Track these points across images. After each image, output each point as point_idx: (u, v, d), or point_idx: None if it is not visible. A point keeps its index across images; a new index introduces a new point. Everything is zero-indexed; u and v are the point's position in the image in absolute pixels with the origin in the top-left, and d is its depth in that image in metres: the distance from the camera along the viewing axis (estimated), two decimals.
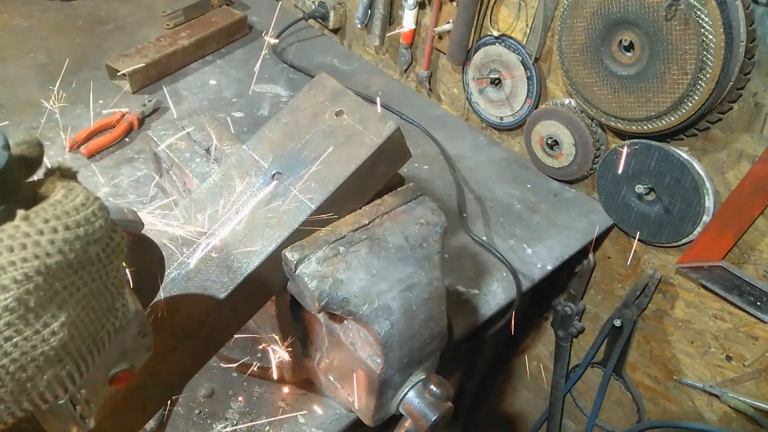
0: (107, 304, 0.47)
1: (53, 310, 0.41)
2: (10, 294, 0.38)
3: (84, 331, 0.45)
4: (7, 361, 0.40)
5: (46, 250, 0.40)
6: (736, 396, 1.43)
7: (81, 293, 0.43)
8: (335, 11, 1.91)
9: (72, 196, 0.43)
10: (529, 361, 2.02)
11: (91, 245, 0.43)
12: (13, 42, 1.77)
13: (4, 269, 0.38)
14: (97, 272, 0.44)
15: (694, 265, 1.34)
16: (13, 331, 0.39)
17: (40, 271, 0.40)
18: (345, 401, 0.97)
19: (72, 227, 0.41)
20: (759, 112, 1.15)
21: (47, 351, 0.42)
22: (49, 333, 0.41)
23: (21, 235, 0.39)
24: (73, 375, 0.45)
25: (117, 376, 0.52)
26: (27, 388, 0.42)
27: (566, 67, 1.32)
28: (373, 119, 0.83)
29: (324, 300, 0.76)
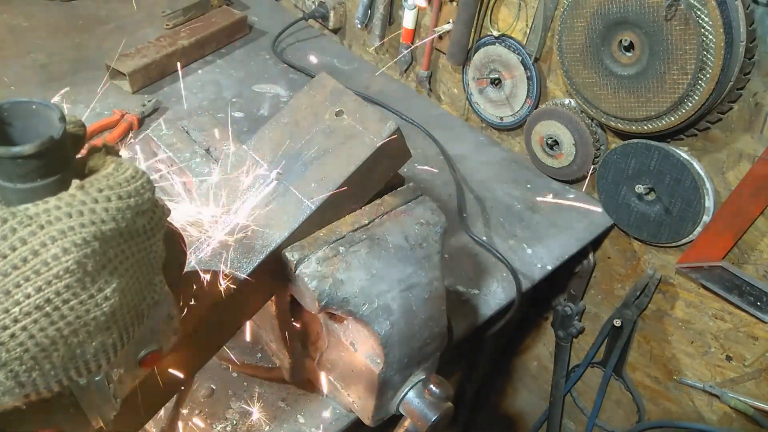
0: (148, 278, 0.49)
1: (106, 276, 0.43)
2: (71, 257, 0.40)
3: (129, 301, 0.46)
4: (63, 324, 0.41)
5: (101, 217, 0.42)
6: (736, 396, 1.43)
7: (129, 262, 0.45)
8: (335, 11, 1.91)
9: (122, 170, 0.45)
10: (529, 361, 2.02)
11: (139, 216, 0.45)
12: (13, 42, 1.77)
13: (65, 233, 0.40)
14: (142, 244, 0.46)
15: (694, 265, 1.34)
16: (71, 294, 0.41)
17: (97, 236, 0.41)
18: (345, 401, 0.97)
19: (124, 197, 0.44)
20: (759, 112, 1.15)
21: (99, 316, 0.43)
22: (102, 298, 0.43)
23: (78, 202, 0.41)
24: (116, 345, 0.46)
25: (147, 358, 0.53)
26: (76, 355, 0.43)
27: (566, 67, 1.32)
28: (373, 119, 0.83)
29: (324, 300, 0.76)
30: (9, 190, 0.41)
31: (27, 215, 0.40)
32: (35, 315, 0.40)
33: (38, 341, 0.41)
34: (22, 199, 0.41)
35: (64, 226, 0.40)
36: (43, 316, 0.40)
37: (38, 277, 0.40)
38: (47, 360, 0.42)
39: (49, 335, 0.41)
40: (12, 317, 0.39)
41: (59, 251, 0.40)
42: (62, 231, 0.40)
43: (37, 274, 0.39)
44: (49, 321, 0.41)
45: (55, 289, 0.40)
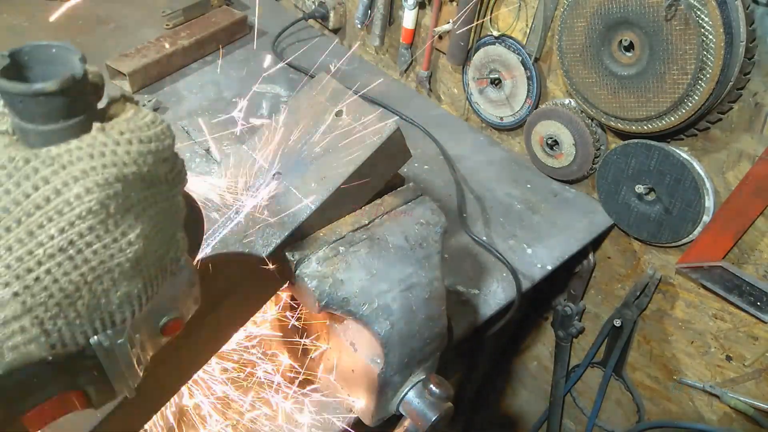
0: (171, 231, 0.48)
1: (130, 221, 0.43)
2: (93, 196, 0.40)
3: (153, 252, 0.46)
4: (87, 269, 0.41)
5: (123, 159, 0.41)
6: (736, 396, 1.43)
7: (153, 210, 0.45)
8: (335, 11, 1.91)
9: (142, 115, 0.45)
10: (529, 361, 2.02)
11: (160, 164, 0.45)
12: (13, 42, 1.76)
13: (87, 173, 0.40)
14: (164, 193, 0.46)
15: (694, 265, 1.34)
16: (94, 236, 0.41)
17: (119, 178, 0.41)
18: (345, 401, 0.97)
19: (145, 141, 0.43)
20: (759, 112, 1.15)
21: (123, 263, 0.43)
22: (126, 243, 0.42)
23: (99, 144, 0.41)
24: (141, 296, 0.46)
25: (168, 325, 0.52)
26: (101, 304, 0.43)
27: (566, 67, 1.32)
28: (373, 119, 0.83)
29: (324, 300, 0.76)
30: (31, 131, 0.40)
31: (49, 156, 0.39)
32: (59, 258, 0.40)
33: (62, 286, 0.40)
34: (45, 140, 0.40)
35: (86, 166, 0.40)
36: (66, 259, 0.40)
37: (61, 217, 0.39)
38: (72, 307, 0.41)
39: (73, 280, 0.40)
40: (36, 260, 0.39)
41: (82, 191, 0.39)
42: (84, 171, 0.40)
43: (60, 214, 0.39)
44: (72, 265, 0.40)
45: (78, 231, 0.40)
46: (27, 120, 0.40)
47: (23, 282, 0.39)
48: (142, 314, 0.47)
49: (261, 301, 0.84)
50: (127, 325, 0.46)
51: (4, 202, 0.38)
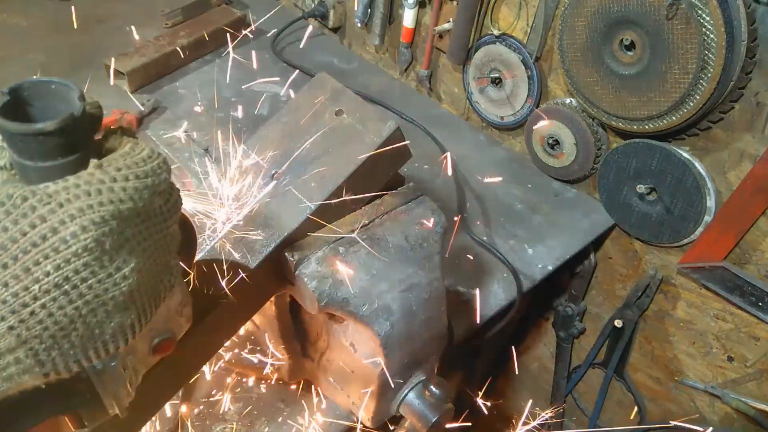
0: (165, 260, 0.49)
1: (125, 256, 0.44)
2: (89, 235, 0.40)
3: (147, 282, 0.47)
4: (81, 303, 0.42)
5: (119, 196, 0.42)
6: (737, 397, 1.43)
7: (147, 243, 0.46)
8: (335, 10, 1.91)
9: (138, 150, 0.45)
10: (530, 362, 2.02)
11: (156, 197, 0.45)
12: (12, 42, 1.77)
13: (83, 212, 0.40)
14: (159, 225, 0.47)
15: (695, 266, 1.34)
16: (89, 272, 0.42)
17: (115, 215, 0.42)
18: (345, 402, 0.96)
19: (141, 177, 0.44)
20: (761, 112, 1.15)
21: (117, 296, 0.44)
22: (121, 277, 0.43)
23: (96, 181, 0.41)
24: (135, 326, 0.47)
25: (160, 345, 0.53)
26: (95, 335, 0.44)
27: (567, 66, 1.32)
28: (373, 119, 0.83)
29: (324, 300, 0.75)
30: (30, 168, 0.41)
31: (47, 193, 0.40)
32: (54, 293, 0.41)
33: (57, 319, 0.41)
34: (43, 177, 0.41)
35: (83, 204, 0.40)
36: (62, 294, 0.41)
37: (57, 254, 0.40)
38: (66, 339, 0.42)
39: (68, 314, 0.41)
40: (32, 295, 0.40)
41: (78, 229, 0.40)
42: (81, 209, 0.40)
43: (56, 251, 0.40)
44: (68, 299, 0.41)
45: (73, 267, 0.41)
46: (26, 157, 0.41)
47: (19, 316, 0.40)
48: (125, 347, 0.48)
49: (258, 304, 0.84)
50: (119, 352, 0.47)
51: (2, 240, 0.39)
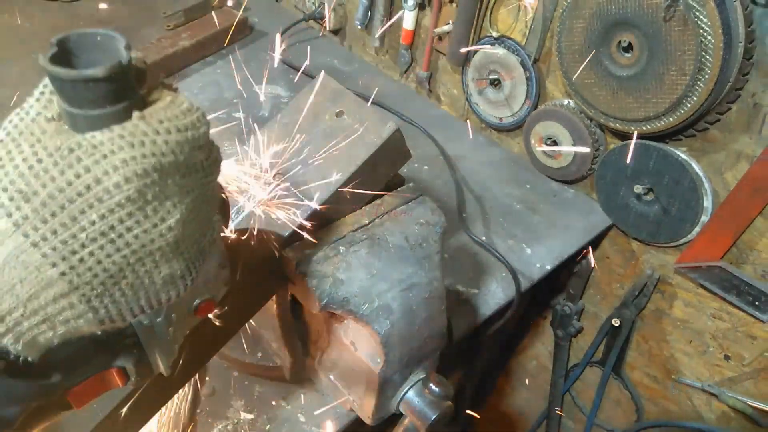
0: (207, 215, 0.51)
1: (169, 207, 0.44)
2: (132, 186, 0.42)
3: (192, 235, 0.48)
4: (128, 252, 0.43)
5: (161, 149, 0.43)
6: (734, 395, 1.44)
7: (189, 197, 0.46)
8: (335, 12, 1.92)
9: (179, 102, 0.46)
10: (528, 361, 2.03)
11: (196, 151, 0.46)
12: (14, 42, 1.78)
13: (126, 163, 0.41)
14: (200, 180, 0.47)
15: (692, 265, 1.35)
16: (133, 222, 0.43)
17: (156, 168, 0.43)
18: (345, 400, 0.97)
19: (182, 130, 0.45)
20: (757, 113, 1.16)
21: (164, 246, 0.45)
22: (166, 228, 0.44)
23: (140, 133, 0.42)
24: (184, 277, 0.48)
25: (201, 306, 0.54)
26: (145, 284, 0.45)
27: (565, 68, 1.33)
28: (373, 119, 0.84)
29: (324, 299, 0.76)
30: (78, 116, 0.42)
31: (92, 144, 0.41)
32: (101, 241, 0.42)
33: (106, 267, 0.43)
34: (90, 125, 0.42)
35: (126, 156, 0.41)
36: (108, 242, 0.42)
37: (101, 204, 0.41)
38: (116, 287, 0.44)
39: (116, 261, 0.43)
40: (80, 243, 0.41)
41: (121, 180, 0.41)
42: (124, 160, 0.41)
43: (100, 201, 0.41)
44: (114, 248, 0.43)
45: (117, 217, 0.42)
46: (75, 105, 0.42)
47: (69, 263, 0.41)
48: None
49: (261, 302, 0.85)
50: (171, 302, 0.49)
51: (50, 189, 0.41)
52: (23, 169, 0.41)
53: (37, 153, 0.41)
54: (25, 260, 0.40)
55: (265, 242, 0.76)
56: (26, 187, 0.40)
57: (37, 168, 0.41)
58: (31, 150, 0.41)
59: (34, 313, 0.41)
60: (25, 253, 0.40)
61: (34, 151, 0.41)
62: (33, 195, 0.40)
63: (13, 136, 0.42)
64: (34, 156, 0.41)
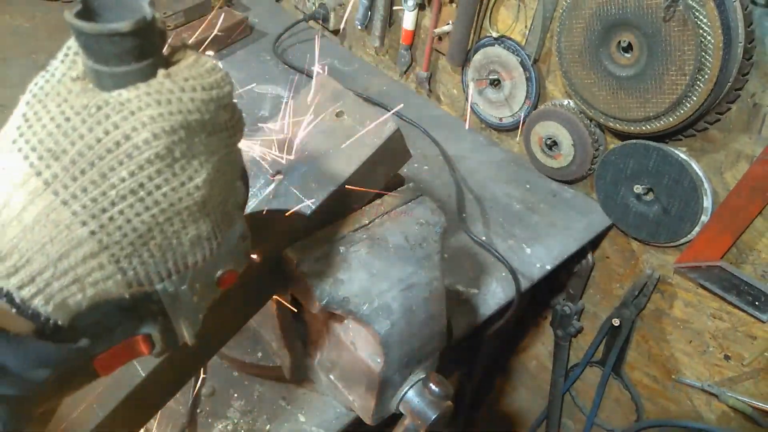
0: (232, 178, 0.51)
1: (196, 166, 0.44)
2: (160, 142, 0.41)
3: (217, 197, 0.48)
4: (157, 211, 0.43)
5: (187, 107, 0.43)
6: (734, 395, 1.44)
7: (215, 157, 0.46)
8: (335, 13, 1.92)
9: (202, 62, 0.46)
10: (528, 361, 2.03)
11: (221, 111, 0.46)
12: (15, 43, 1.78)
13: (155, 120, 0.41)
14: (225, 140, 0.47)
15: (692, 265, 1.35)
16: (162, 179, 0.43)
17: (183, 125, 0.43)
18: (345, 400, 0.97)
19: (207, 88, 0.45)
20: (757, 113, 1.16)
21: (191, 206, 0.45)
22: (194, 187, 0.44)
23: (166, 90, 0.42)
24: (211, 239, 0.48)
25: (223, 277, 0.54)
26: (173, 245, 0.45)
27: (565, 68, 1.33)
28: (373, 119, 0.84)
29: (324, 299, 0.76)
30: (104, 74, 0.42)
31: (119, 101, 0.41)
32: (130, 199, 0.42)
33: (135, 226, 0.42)
34: (116, 83, 0.42)
35: (153, 113, 0.41)
36: (137, 200, 0.42)
37: (131, 161, 0.41)
38: (145, 247, 0.44)
39: (145, 220, 0.43)
40: (109, 200, 0.41)
41: (149, 136, 0.41)
42: (152, 117, 0.41)
43: (130, 157, 0.41)
44: (143, 206, 0.42)
45: (147, 174, 0.42)
46: (101, 62, 0.42)
47: (99, 221, 0.41)
48: (201, 266, 0.49)
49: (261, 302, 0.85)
50: (196, 269, 0.49)
51: (79, 147, 0.41)
52: (51, 128, 0.40)
53: (64, 112, 0.41)
54: (55, 219, 0.40)
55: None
56: (55, 145, 0.40)
57: (65, 126, 0.40)
58: (58, 110, 0.41)
59: (64, 274, 0.41)
60: (55, 212, 0.40)
61: (61, 110, 0.41)
62: (62, 153, 0.40)
63: (39, 97, 0.42)
64: (61, 115, 0.41)
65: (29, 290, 0.40)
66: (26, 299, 0.40)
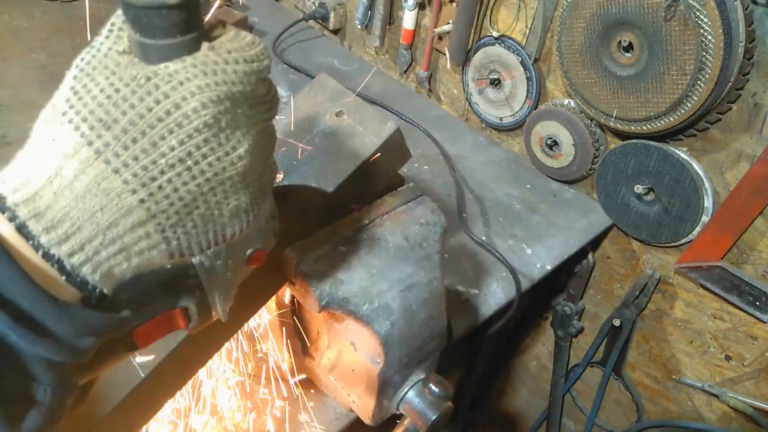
0: (268, 152, 0.52)
1: (238, 137, 0.46)
2: (208, 111, 0.43)
3: (255, 170, 0.49)
4: (202, 180, 0.44)
5: (231, 78, 0.44)
6: (735, 395, 1.44)
7: (255, 130, 0.48)
8: (335, 12, 1.92)
9: (242, 36, 0.48)
10: (528, 361, 2.02)
11: (260, 84, 0.47)
12: (14, 42, 1.78)
13: (202, 90, 0.43)
14: (263, 114, 0.49)
15: (693, 265, 1.35)
16: (209, 149, 0.44)
17: (228, 96, 0.44)
18: (345, 400, 0.97)
19: (248, 61, 0.46)
20: (758, 113, 1.16)
21: (234, 176, 0.46)
22: (237, 157, 0.46)
23: (211, 62, 0.44)
24: (248, 211, 0.50)
25: (253, 255, 0.55)
26: (214, 216, 0.47)
27: (565, 67, 1.33)
28: (373, 119, 0.84)
29: (324, 299, 0.76)
30: (151, 47, 0.43)
31: (167, 72, 0.43)
32: (179, 168, 0.43)
33: (181, 195, 0.44)
34: (162, 56, 0.43)
35: (201, 83, 0.43)
36: (185, 169, 0.43)
37: (180, 129, 0.42)
38: (189, 217, 0.45)
39: (191, 190, 0.44)
40: (159, 168, 0.42)
41: (198, 105, 0.42)
42: (200, 87, 0.43)
43: (180, 126, 0.42)
44: (190, 175, 0.44)
45: (195, 143, 0.43)
46: (147, 35, 0.43)
47: (148, 190, 0.42)
48: (234, 242, 0.51)
49: (261, 302, 0.85)
50: (230, 245, 0.50)
51: (130, 116, 0.42)
52: (101, 99, 0.42)
53: (113, 84, 0.42)
54: (106, 187, 0.41)
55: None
56: (106, 115, 0.41)
57: (115, 97, 0.41)
58: (107, 82, 0.42)
59: (112, 242, 0.42)
60: (106, 180, 0.41)
61: (110, 82, 0.42)
62: (113, 122, 0.41)
63: (86, 71, 0.43)
64: (111, 87, 0.42)
65: (78, 258, 0.41)
66: (75, 266, 0.41)
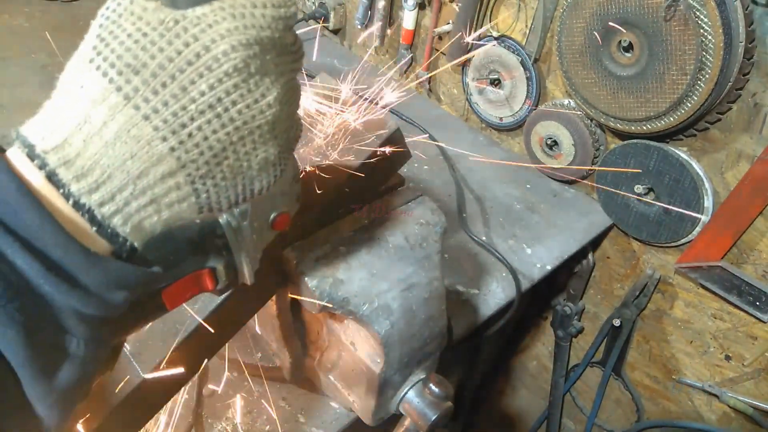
0: (294, 105, 0.51)
1: (267, 84, 0.45)
2: (238, 54, 0.42)
3: (284, 120, 0.48)
4: (232, 129, 0.43)
5: (260, 22, 0.43)
6: (735, 396, 1.44)
7: (283, 79, 0.47)
8: (335, 12, 1.92)
9: None
10: (528, 361, 2.02)
11: (287, 32, 0.46)
12: (14, 42, 1.78)
13: (231, 32, 0.42)
14: (290, 64, 0.48)
15: (693, 265, 1.35)
16: (238, 95, 0.43)
17: (257, 40, 0.43)
18: (345, 401, 0.97)
19: (276, 5, 0.45)
20: (758, 113, 1.16)
21: (263, 125, 0.45)
22: (266, 105, 0.45)
23: (239, 5, 0.43)
24: (276, 165, 0.49)
25: (277, 219, 0.55)
26: (243, 168, 0.46)
27: (565, 67, 1.33)
28: (373, 119, 0.84)
29: (324, 300, 0.76)
30: None
31: (195, 15, 0.42)
32: (209, 114, 0.42)
33: (211, 144, 0.43)
34: (189, 2, 0.42)
35: (230, 26, 0.42)
36: (215, 116, 0.42)
37: (210, 73, 0.41)
38: (218, 167, 0.44)
39: (220, 139, 0.43)
40: (189, 115, 0.41)
41: (228, 48, 0.41)
42: (229, 30, 0.42)
43: (210, 70, 0.41)
44: (220, 123, 0.43)
45: (224, 88, 0.42)
46: None
47: (178, 137, 0.41)
48: (260, 202, 0.50)
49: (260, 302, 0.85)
50: (256, 206, 0.50)
51: (159, 59, 0.41)
52: (129, 44, 0.40)
53: (141, 29, 0.41)
54: (136, 134, 0.40)
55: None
56: (134, 60, 0.40)
57: (143, 41, 0.40)
58: (134, 27, 0.41)
59: (142, 193, 0.41)
60: (136, 127, 0.40)
61: (137, 27, 0.41)
62: (142, 67, 0.40)
63: (112, 19, 0.42)
64: (138, 32, 0.41)
65: (109, 208, 0.41)
66: (106, 217, 0.41)
